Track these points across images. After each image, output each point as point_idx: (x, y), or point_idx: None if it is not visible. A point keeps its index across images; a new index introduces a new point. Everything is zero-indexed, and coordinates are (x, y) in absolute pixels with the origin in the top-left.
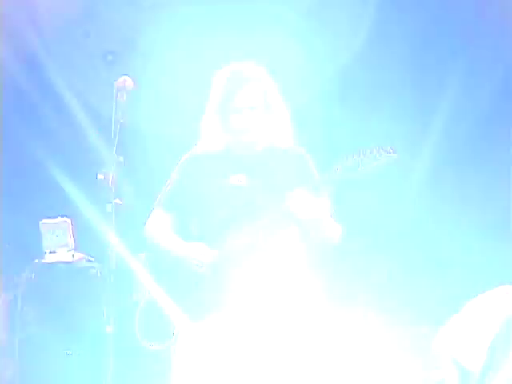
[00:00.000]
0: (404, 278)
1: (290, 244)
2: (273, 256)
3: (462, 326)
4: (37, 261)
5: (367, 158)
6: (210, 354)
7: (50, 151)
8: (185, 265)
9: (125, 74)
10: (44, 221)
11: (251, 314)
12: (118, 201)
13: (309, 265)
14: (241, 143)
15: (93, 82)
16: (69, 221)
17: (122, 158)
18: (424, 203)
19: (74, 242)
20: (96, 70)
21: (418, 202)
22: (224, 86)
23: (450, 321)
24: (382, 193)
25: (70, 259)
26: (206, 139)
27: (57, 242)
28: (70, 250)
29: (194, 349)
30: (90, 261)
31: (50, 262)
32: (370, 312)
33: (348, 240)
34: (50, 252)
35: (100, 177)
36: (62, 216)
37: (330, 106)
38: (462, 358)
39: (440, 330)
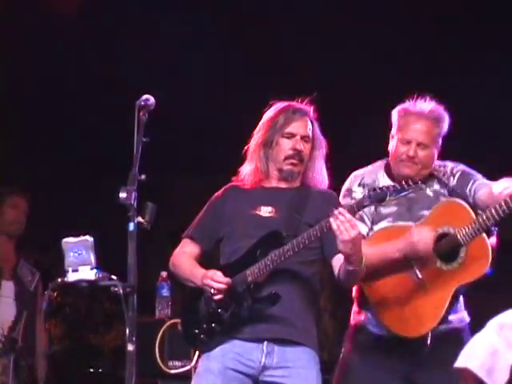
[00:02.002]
0: None
1: (313, 277)
2: (292, 284)
3: (484, 345)
4: (59, 279)
5: (395, 189)
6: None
7: (72, 169)
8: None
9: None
10: (66, 239)
11: (265, 339)
12: (140, 219)
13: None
14: (282, 171)
15: (115, 99)
16: (91, 239)
17: (144, 176)
18: None
19: (97, 260)
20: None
21: None
22: (281, 114)
23: (472, 340)
24: None
25: (92, 277)
26: (250, 163)
27: (79, 260)
28: (93, 269)
29: (212, 374)
30: (112, 279)
31: (72, 280)
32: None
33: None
34: (73, 270)
35: (122, 195)
36: (85, 234)
37: None
38: (484, 375)
39: (463, 349)
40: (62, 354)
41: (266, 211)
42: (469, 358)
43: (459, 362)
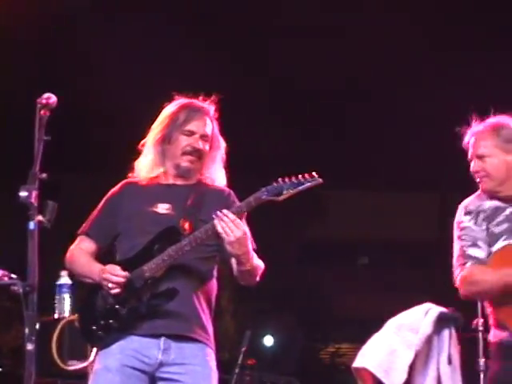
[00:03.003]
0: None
1: (207, 275)
2: (189, 280)
3: (382, 346)
4: None
5: (292, 183)
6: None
7: None
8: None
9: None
10: None
11: (163, 335)
12: (40, 218)
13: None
14: (179, 167)
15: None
16: None
17: (45, 175)
18: None
19: None
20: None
21: None
22: (181, 111)
23: (371, 340)
24: None
25: None
26: (144, 165)
27: None
28: None
29: (110, 372)
30: (12, 278)
31: None
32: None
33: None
34: None
35: (22, 194)
36: None
37: None
38: (382, 376)
39: (360, 348)
40: None
41: (163, 208)
42: (367, 357)
43: (357, 362)
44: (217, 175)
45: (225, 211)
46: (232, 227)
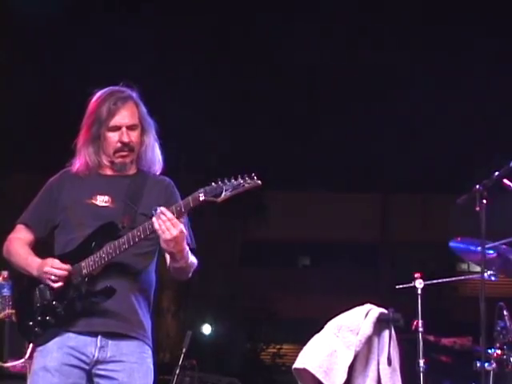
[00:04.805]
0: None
1: (146, 269)
2: (126, 277)
3: (322, 347)
4: None
5: (231, 184)
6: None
7: None
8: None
9: None
10: None
11: (99, 333)
12: None
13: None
14: (114, 164)
15: None
16: None
17: None
18: None
19: None
20: None
21: None
22: (103, 105)
23: (311, 341)
24: None
25: None
26: (80, 158)
27: None
28: None
29: (49, 372)
30: None
31: None
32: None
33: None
34: None
35: None
36: None
37: None
38: (322, 376)
39: (301, 348)
40: None
41: (102, 200)
42: (307, 358)
43: (298, 363)
44: (153, 159)
45: (163, 209)
46: (168, 226)
